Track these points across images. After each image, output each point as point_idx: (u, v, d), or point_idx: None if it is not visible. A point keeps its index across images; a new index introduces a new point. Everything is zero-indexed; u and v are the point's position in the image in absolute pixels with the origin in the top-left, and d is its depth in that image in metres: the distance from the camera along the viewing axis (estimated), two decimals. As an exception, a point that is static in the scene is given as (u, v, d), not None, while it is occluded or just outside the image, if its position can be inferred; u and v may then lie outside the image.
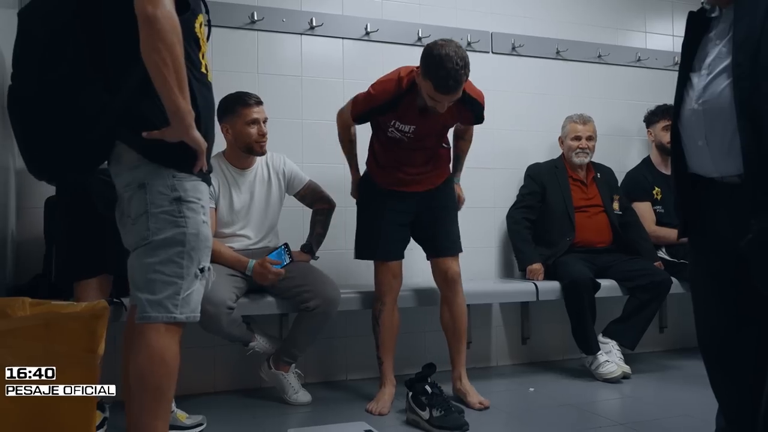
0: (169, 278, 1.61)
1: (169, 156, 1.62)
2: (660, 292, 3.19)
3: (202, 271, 1.67)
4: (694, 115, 1.62)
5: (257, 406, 2.72)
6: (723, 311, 1.68)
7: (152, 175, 1.62)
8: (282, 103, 3.16)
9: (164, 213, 1.61)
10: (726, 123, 1.52)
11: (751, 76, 1.49)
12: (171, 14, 1.51)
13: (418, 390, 2.48)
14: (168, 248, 1.61)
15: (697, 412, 2.53)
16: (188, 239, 1.62)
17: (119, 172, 1.67)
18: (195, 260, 1.64)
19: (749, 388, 1.66)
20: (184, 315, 1.63)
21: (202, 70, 1.70)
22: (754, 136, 1.48)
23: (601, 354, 3.15)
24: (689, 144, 1.66)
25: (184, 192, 1.63)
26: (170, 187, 1.62)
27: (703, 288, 1.75)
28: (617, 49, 3.89)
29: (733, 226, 1.57)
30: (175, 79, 1.51)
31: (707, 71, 1.61)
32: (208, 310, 2.42)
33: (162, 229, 1.61)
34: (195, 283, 1.65)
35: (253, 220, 2.80)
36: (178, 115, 1.54)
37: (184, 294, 1.62)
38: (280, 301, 2.71)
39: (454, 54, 2.30)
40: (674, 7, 4.06)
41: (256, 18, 3.12)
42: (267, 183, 2.84)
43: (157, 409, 1.64)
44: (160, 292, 1.61)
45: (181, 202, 1.62)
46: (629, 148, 3.90)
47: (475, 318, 3.36)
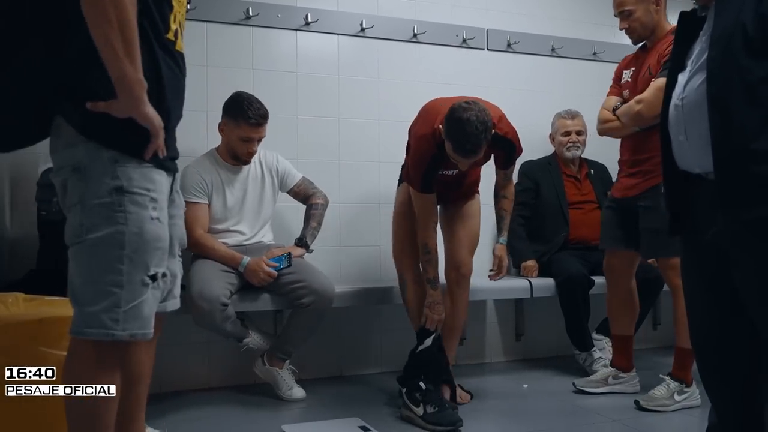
0: (106, 287, 1.33)
1: (112, 135, 1.34)
2: (653, 290, 3.20)
3: (153, 279, 1.38)
4: (676, 110, 1.64)
5: (251, 403, 2.72)
6: (712, 307, 1.69)
7: (90, 157, 1.33)
8: (277, 99, 3.15)
9: (100, 206, 1.33)
10: (702, 118, 1.53)
11: (723, 70, 1.49)
12: None
13: (412, 386, 2.49)
14: (103, 250, 1.33)
15: (691, 408, 2.56)
16: (128, 239, 1.33)
17: (55, 149, 1.40)
18: (140, 265, 1.35)
19: (740, 385, 1.67)
20: (127, 332, 1.34)
21: (169, 36, 1.45)
22: (722, 131, 1.48)
23: (595, 351, 3.16)
24: (674, 140, 1.67)
25: (128, 181, 1.34)
26: (110, 174, 1.33)
27: (693, 284, 1.75)
28: (612, 46, 3.88)
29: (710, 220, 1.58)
30: (120, 40, 1.26)
31: (690, 68, 1.63)
32: (202, 307, 2.43)
33: (96, 225, 1.33)
34: (143, 292, 1.36)
35: (246, 217, 2.79)
36: (124, 84, 1.29)
37: (126, 306, 1.33)
38: (275, 298, 2.71)
39: (476, 118, 2.26)
40: (669, 5, 4.06)
41: (251, 13, 3.11)
42: (260, 180, 2.84)
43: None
44: (95, 304, 1.32)
45: (122, 193, 1.33)
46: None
47: (469, 314, 3.35)
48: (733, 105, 1.46)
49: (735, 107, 1.46)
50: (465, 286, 2.75)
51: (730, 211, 1.51)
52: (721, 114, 1.48)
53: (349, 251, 3.29)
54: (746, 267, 1.54)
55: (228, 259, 2.64)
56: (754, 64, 1.45)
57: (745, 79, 1.45)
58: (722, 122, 1.48)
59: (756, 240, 1.50)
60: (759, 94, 1.45)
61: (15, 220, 2.74)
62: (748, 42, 1.45)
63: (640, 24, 2.65)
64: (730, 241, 1.55)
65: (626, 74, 2.76)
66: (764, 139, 1.44)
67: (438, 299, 2.60)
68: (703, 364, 1.76)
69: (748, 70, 1.45)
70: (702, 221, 1.63)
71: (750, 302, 1.56)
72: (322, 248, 3.14)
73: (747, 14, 1.46)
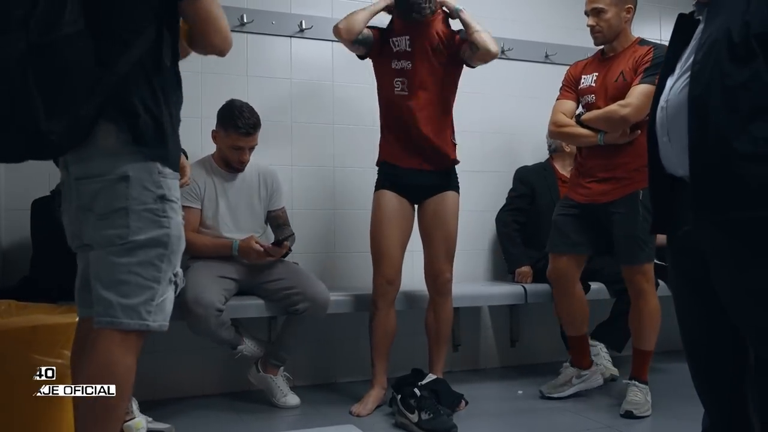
0: (146, 282, 1.47)
1: (157, 148, 1.49)
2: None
3: (176, 276, 1.54)
4: (661, 113, 1.65)
5: (246, 410, 2.71)
6: (700, 311, 1.69)
7: (137, 167, 1.46)
8: (272, 106, 3.15)
9: (147, 211, 1.47)
10: (684, 121, 1.54)
11: (705, 73, 1.50)
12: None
13: (406, 393, 2.49)
14: (149, 250, 1.47)
15: (684, 413, 2.55)
16: (171, 241, 1.50)
17: (91, 157, 1.47)
18: (173, 264, 1.52)
19: (729, 388, 1.67)
20: (156, 323, 1.49)
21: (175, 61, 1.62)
22: (700, 133, 1.49)
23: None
24: (659, 142, 1.68)
25: (168, 190, 1.50)
26: (155, 183, 1.48)
27: (679, 290, 1.76)
28: (605, 53, 3.91)
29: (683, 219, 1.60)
30: None
31: (678, 72, 1.64)
32: (197, 312, 2.43)
33: (143, 228, 1.46)
34: (169, 288, 1.52)
35: (239, 223, 2.79)
36: None
37: (158, 300, 1.48)
38: (269, 304, 2.71)
39: None
40: (662, 12, 4.09)
41: (245, 20, 3.11)
42: (255, 189, 2.84)
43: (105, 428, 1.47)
44: (135, 297, 1.45)
45: (165, 200, 1.49)
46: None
47: (463, 320, 3.37)
48: (712, 108, 1.47)
49: (713, 111, 1.47)
50: (446, 294, 2.74)
51: (703, 213, 1.52)
52: (700, 117, 1.49)
53: (342, 257, 3.29)
54: (724, 272, 1.54)
55: (219, 249, 2.65)
56: (735, 69, 1.45)
57: (725, 84, 1.45)
58: (700, 125, 1.49)
59: (729, 242, 1.50)
60: (737, 99, 1.45)
61: (8, 228, 2.73)
62: (732, 47, 1.45)
63: (608, 25, 2.68)
64: (707, 245, 1.56)
65: (587, 79, 2.78)
66: (740, 142, 1.45)
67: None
68: (694, 369, 1.75)
69: (729, 74, 1.45)
70: (682, 224, 1.64)
71: (728, 304, 1.56)
72: (317, 254, 3.15)
73: (734, 20, 1.47)
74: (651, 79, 2.46)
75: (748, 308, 1.50)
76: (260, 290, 2.71)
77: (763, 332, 1.49)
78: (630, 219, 2.60)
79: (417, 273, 2.85)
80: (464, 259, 3.39)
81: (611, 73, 2.69)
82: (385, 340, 2.71)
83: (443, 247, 2.72)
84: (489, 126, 3.57)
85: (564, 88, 2.90)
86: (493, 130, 3.62)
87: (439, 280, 2.72)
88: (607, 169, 2.67)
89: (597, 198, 2.70)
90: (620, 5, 2.67)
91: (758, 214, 1.44)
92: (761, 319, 1.48)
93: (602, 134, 2.66)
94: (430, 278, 2.75)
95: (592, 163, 2.73)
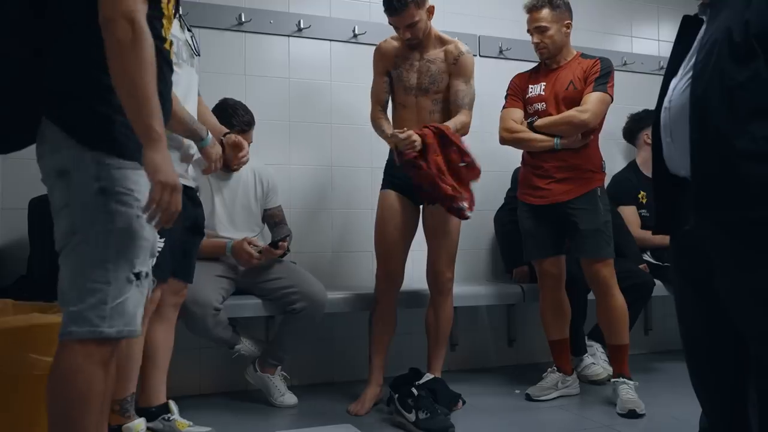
0: (93, 284, 1.35)
1: (95, 136, 1.38)
2: (642, 294, 3.21)
3: (138, 277, 1.40)
4: (665, 113, 1.65)
5: (243, 409, 2.71)
6: (698, 312, 1.69)
7: (74, 161, 1.37)
8: (269, 105, 3.15)
9: (86, 207, 1.36)
10: (686, 121, 1.54)
11: (706, 74, 1.50)
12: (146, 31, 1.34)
13: (404, 392, 2.49)
14: (91, 249, 1.36)
15: (682, 413, 2.55)
16: (114, 238, 1.36)
17: (41, 155, 1.43)
18: (125, 262, 1.38)
19: (731, 392, 1.67)
20: (114, 329, 1.36)
21: (166, 46, 1.52)
22: (701, 132, 1.50)
23: (587, 356, 3.17)
24: (663, 143, 1.68)
25: (110, 182, 1.36)
26: (95, 176, 1.36)
27: (681, 291, 1.76)
28: (603, 53, 3.88)
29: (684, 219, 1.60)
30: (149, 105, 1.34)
31: (681, 73, 1.64)
32: (194, 312, 2.43)
33: (83, 226, 1.36)
34: (128, 289, 1.38)
35: (235, 223, 2.80)
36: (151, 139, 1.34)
37: (113, 303, 1.35)
38: (266, 304, 2.71)
39: None
40: (660, 11, 4.09)
41: (243, 19, 3.12)
42: (252, 188, 2.84)
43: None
44: (82, 301, 1.35)
45: (106, 194, 1.36)
46: (615, 153, 3.93)
47: (461, 320, 3.37)
48: (712, 108, 1.47)
49: (713, 111, 1.47)
50: (446, 293, 2.76)
51: (705, 213, 1.52)
52: (701, 117, 1.49)
53: (341, 257, 3.29)
54: (726, 272, 1.54)
55: (213, 249, 2.66)
56: (735, 69, 1.45)
57: (724, 83, 1.46)
58: (701, 125, 1.49)
59: (731, 242, 1.50)
60: (737, 98, 1.45)
61: (5, 226, 2.72)
62: (732, 47, 1.46)
63: (552, 41, 2.85)
64: (709, 245, 1.56)
65: (535, 88, 2.91)
66: (740, 141, 1.45)
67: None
68: (694, 368, 1.75)
69: (729, 74, 1.46)
70: (684, 223, 1.64)
71: (730, 304, 1.56)
72: (314, 254, 3.14)
73: (735, 20, 1.48)
74: (603, 87, 2.74)
75: (749, 308, 1.51)
76: (258, 289, 2.71)
77: (763, 333, 1.49)
78: (593, 214, 2.75)
79: (415, 273, 2.85)
80: (462, 259, 3.36)
81: (560, 83, 2.83)
82: (384, 336, 2.73)
83: (446, 253, 2.74)
84: (487, 125, 3.55)
85: (510, 97, 3.01)
86: (492, 130, 3.61)
87: (440, 280, 2.74)
88: (564, 170, 2.78)
89: (558, 197, 2.79)
90: (560, 22, 2.85)
91: (760, 214, 1.44)
92: (762, 319, 1.48)
93: (558, 139, 2.77)
94: (431, 277, 2.77)
95: (548, 165, 2.82)
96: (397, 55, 2.75)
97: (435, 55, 2.71)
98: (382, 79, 2.79)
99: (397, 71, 2.74)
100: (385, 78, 2.79)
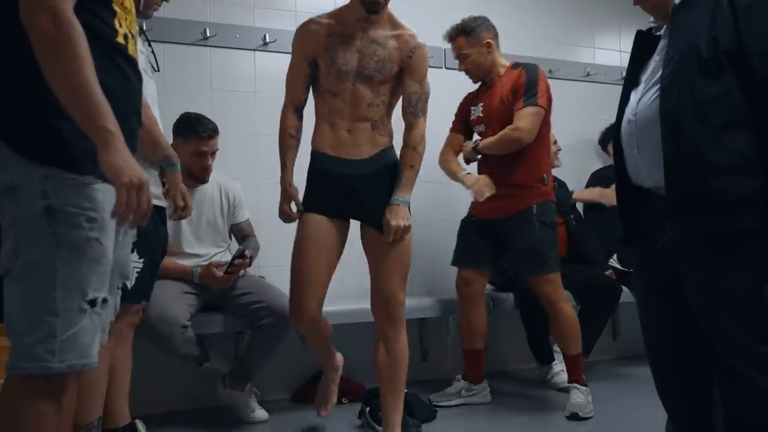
0: (39, 315, 1.22)
1: (43, 149, 1.24)
2: (609, 301, 3.27)
3: (93, 304, 1.27)
4: (629, 126, 1.69)
5: (213, 426, 2.69)
6: (666, 319, 1.72)
7: (21, 177, 1.24)
8: (236, 119, 3.14)
9: (31, 228, 1.23)
10: (655, 133, 1.58)
11: (675, 88, 1.54)
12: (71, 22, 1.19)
13: (374, 405, 2.49)
14: (35, 276, 1.23)
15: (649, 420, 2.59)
16: (61, 263, 1.23)
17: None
18: (75, 290, 1.25)
19: (696, 398, 1.71)
20: (65, 363, 1.23)
21: (119, 39, 1.36)
22: (674, 145, 1.54)
23: (556, 363, 3.20)
24: (627, 154, 1.72)
25: (59, 200, 1.23)
26: (42, 193, 1.23)
27: (645, 299, 1.79)
28: (567, 64, 3.98)
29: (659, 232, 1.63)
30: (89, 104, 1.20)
31: (643, 85, 1.68)
32: (161, 330, 2.40)
33: (27, 250, 1.23)
34: (81, 319, 1.25)
35: (202, 239, 2.77)
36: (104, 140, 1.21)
37: (63, 335, 1.22)
38: (235, 319, 2.69)
39: None
40: (621, 23, 4.19)
41: (208, 34, 3.11)
42: (218, 202, 2.83)
43: None
44: (29, 335, 1.22)
45: (53, 213, 1.23)
46: (590, 161, 4.01)
47: (431, 329, 3.38)
48: (685, 121, 1.52)
49: (686, 123, 1.52)
50: (399, 323, 2.22)
51: (680, 224, 1.56)
52: (674, 129, 1.54)
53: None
54: (695, 278, 1.59)
55: (180, 274, 2.62)
56: (705, 84, 1.51)
57: (696, 97, 1.51)
58: (674, 137, 1.53)
59: (705, 252, 1.54)
60: (709, 112, 1.50)
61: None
62: (701, 62, 1.51)
63: (475, 65, 2.90)
64: (680, 254, 1.60)
65: (476, 110, 2.95)
66: (713, 154, 1.50)
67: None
68: (659, 376, 1.78)
69: (700, 89, 1.51)
70: (652, 234, 1.67)
71: (700, 314, 1.60)
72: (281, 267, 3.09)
73: (701, 36, 1.52)
74: (533, 100, 2.72)
75: (717, 313, 1.55)
76: (226, 305, 2.69)
77: (732, 337, 1.53)
78: (527, 232, 2.77)
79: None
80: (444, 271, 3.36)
81: (493, 101, 2.86)
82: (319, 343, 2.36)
83: (398, 266, 2.21)
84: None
85: (454, 121, 3.07)
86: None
87: (391, 304, 2.20)
88: (504, 186, 2.78)
89: (497, 214, 2.83)
90: (478, 45, 2.87)
91: (732, 225, 1.49)
92: (731, 324, 1.52)
93: (464, 173, 2.86)
94: (381, 303, 2.21)
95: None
96: (330, 34, 2.19)
97: (384, 38, 2.19)
98: (303, 66, 2.24)
99: (329, 53, 2.17)
100: (306, 66, 2.23)
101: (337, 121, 2.21)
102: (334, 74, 2.18)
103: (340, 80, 2.18)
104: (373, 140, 2.21)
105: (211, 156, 2.71)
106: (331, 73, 2.18)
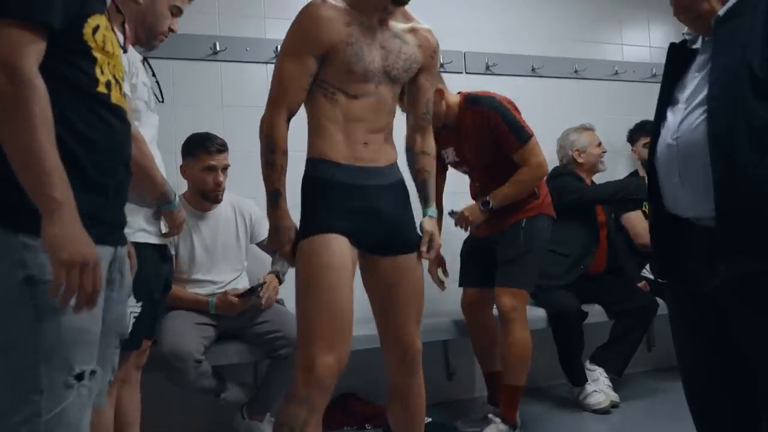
0: (24, 395, 1.14)
1: (20, 216, 1.14)
2: (645, 317, 3.12)
3: (80, 378, 1.19)
4: (669, 150, 1.54)
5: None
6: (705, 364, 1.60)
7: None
8: (249, 136, 2.98)
9: (9, 301, 1.15)
10: (701, 159, 1.44)
11: (726, 110, 1.40)
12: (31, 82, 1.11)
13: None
14: (16, 352, 1.15)
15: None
16: (43, 337, 1.14)
17: None
18: (60, 365, 1.16)
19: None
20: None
21: (99, 89, 1.26)
22: (726, 174, 1.39)
23: (589, 384, 3.05)
24: (665, 181, 1.57)
25: (39, 268, 1.14)
26: (19, 263, 1.14)
27: (684, 340, 1.66)
28: (594, 63, 3.81)
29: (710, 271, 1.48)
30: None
31: (684, 105, 1.53)
32: (175, 366, 2.32)
33: (6, 324, 1.15)
34: (67, 395, 1.17)
35: (217, 264, 2.66)
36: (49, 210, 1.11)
37: (48, 415, 1.14)
38: (252, 349, 2.60)
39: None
40: (650, 17, 3.98)
41: (218, 48, 3.01)
42: (233, 224, 2.73)
43: None
44: (14, 415, 1.13)
45: (34, 283, 1.14)
46: (616, 164, 3.82)
47: (456, 348, 3.26)
48: (739, 148, 1.37)
49: (740, 150, 1.37)
50: (417, 371, 1.93)
51: (733, 260, 1.42)
52: (726, 157, 1.39)
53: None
54: (749, 320, 1.45)
55: (194, 304, 2.53)
56: (760, 107, 1.36)
57: (750, 122, 1.37)
58: (726, 166, 1.39)
59: (760, 293, 1.41)
60: (764, 138, 1.36)
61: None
62: (754, 82, 1.36)
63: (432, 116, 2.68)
64: (732, 293, 1.45)
65: (448, 153, 2.82)
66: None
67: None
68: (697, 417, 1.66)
69: (755, 112, 1.36)
70: (696, 271, 1.53)
71: (754, 359, 1.47)
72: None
73: (754, 54, 1.38)
74: (522, 136, 2.60)
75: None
76: (242, 334, 2.60)
77: None
78: (511, 245, 2.65)
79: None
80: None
81: (466, 147, 2.74)
82: None
83: (414, 304, 1.93)
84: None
85: None
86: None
87: (410, 353, 1.91)
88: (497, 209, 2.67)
89: (486, 232, 2.76)
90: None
91: None
92: None
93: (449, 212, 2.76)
94: (397, 351, 1.91)
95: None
96: (349, 23, 1.76)
97: (402, 32, 1.86)
98: (310, 62, 1.78)
99: (353, 47, 1.76)
100: (314, 62, 1.78)
101: (356, 131, 1.81)
102: (358, 74, 1.78)
103: (365, 81, 1.79)
104: (387, 155, 1.89)
105: (222, 171, 2.61)
106: (353, 72, 1.77)
